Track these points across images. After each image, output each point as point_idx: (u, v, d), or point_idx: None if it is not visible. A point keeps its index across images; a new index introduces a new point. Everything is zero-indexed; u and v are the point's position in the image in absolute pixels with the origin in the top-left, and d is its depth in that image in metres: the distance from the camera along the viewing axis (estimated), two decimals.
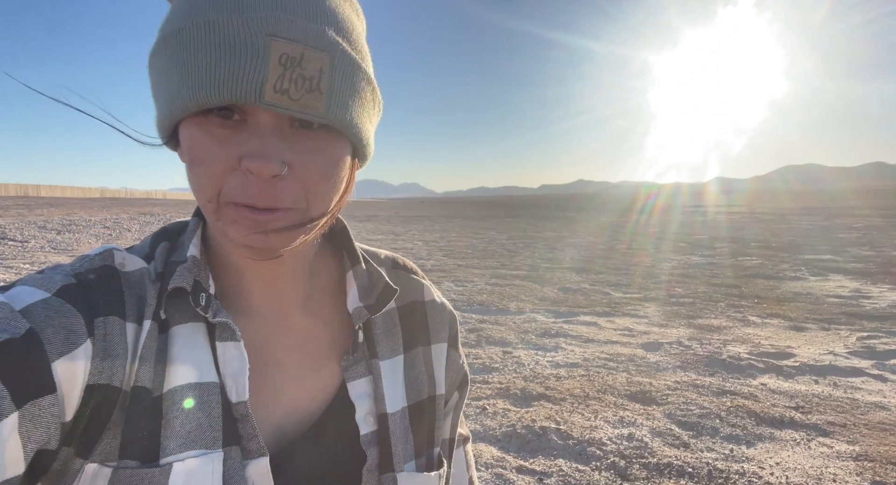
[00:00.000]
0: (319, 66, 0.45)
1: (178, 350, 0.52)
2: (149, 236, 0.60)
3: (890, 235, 13.21)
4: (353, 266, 0.63)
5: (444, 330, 0.69)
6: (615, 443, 2.67)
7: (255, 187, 0.45)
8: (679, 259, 9.61)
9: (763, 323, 5.05)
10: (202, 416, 0.50)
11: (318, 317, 0.61)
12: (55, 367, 0.43)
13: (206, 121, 0.46)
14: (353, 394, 0.58)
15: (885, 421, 2.90)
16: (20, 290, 0.48)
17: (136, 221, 16.12)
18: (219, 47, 0.44)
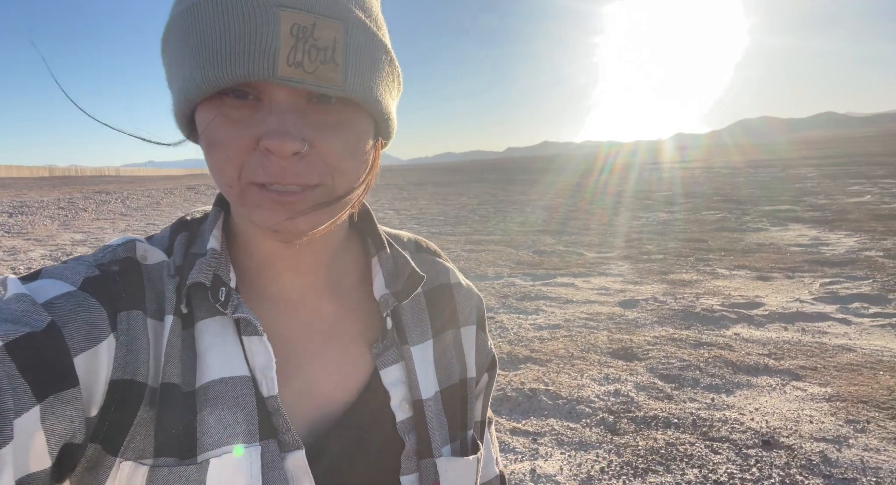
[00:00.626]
0: (333, 35, 0.43)
1: (208, 345, 0.50)
2: (168, 227, 0.57)
3: (842, 182, 13.79)
4: (378, 252, 0.61)
5: (472, 312, 0.68)
6: (602, 400, 2.75)
7: (276, 166, 0.43)
8: (646, 216, 9.82)
9: (731, 275, 5.24)
10: (237, 410, 0.49)
11: (347, 304, 0.60)
12: (77, 361, 0.42)
13: (220, 103, 0.44)
14: (386, 381, 0.57)
15: (852, 362, 3.07)
16: (44, 282, 0.46)
17: (91, 201, 15.41)
18: (227, 23, 0.41)
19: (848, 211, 8.88)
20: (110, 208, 13.65)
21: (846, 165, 19.97)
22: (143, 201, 15.74)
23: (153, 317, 0.49)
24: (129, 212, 13.07)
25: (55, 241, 8.45)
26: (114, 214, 12.43)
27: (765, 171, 20.57)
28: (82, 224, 10.63)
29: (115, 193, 18.04)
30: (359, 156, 0.48)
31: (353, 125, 0.46)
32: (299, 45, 0.41)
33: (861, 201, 10.01)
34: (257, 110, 0.44)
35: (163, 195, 17.46)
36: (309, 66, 0.41)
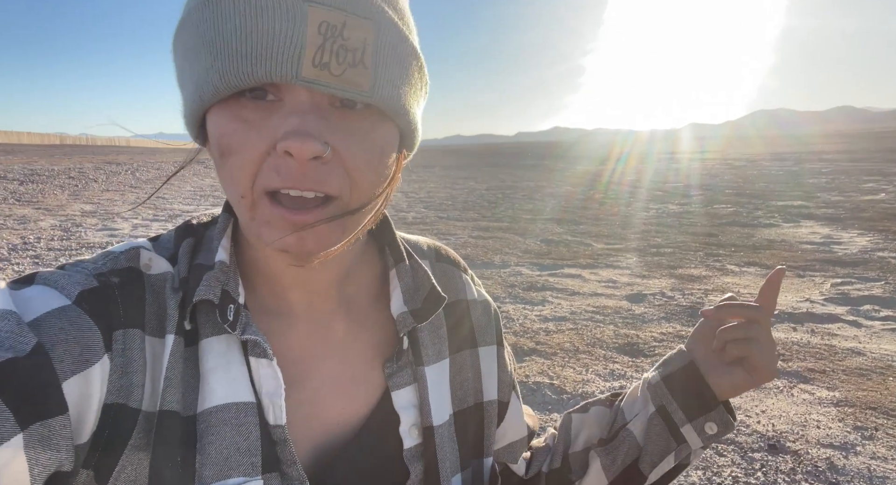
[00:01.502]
0: (364, 36, 0.39)
1: (212, 366, 0.47)
2: (172, 231, 0.53)
3: (857, 178, 13.58)
4: (397, 264, 0.57)
5: (490, 330, 0.64)
6: None
7: (294, 170, 0.40)
8: (657, 208, 9.73)
9: (741, 272, 5.18)
10: (240, 440, 0.46)
11: (360, 320, 0.56)
12: (67, 385, 0.39)
13: (236, 105, 0.40)
14: (397, 404, 0.54)
15: (861, 367, 3.03)
16: (37, 292, 0.43)
17: (101, 171, 15.45)
18: (248, 18, 0.37)
19: (862, 209, 8.74)
20: (120, 180, 13.68)
21: (862, 161, 19.65)
22: (153, 174, 15.76)
23: (153, 334, 0.46)
24: (138, 184, 13.09)
25: (65, 211, 8.48)
26: (123, 186, 12.46)
27: (779, 164, 20.30)
28: (92, 195, 10.66)
29: (126, 164, 18.08)
30: (380, 170, 0.44)
31: (378, 135, 0.43)
32: (327, 44, 0.38)
33: (875, 199, 9.86)
34: (275, 112, 0.40)
35: (173, 168, 17.48)
36: (336, 69, 0.38)
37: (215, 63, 0.39)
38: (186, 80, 0.43)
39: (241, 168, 0.41)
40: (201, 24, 0.39)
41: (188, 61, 0.42)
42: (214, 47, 0.39)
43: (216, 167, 0.44)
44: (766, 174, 16.26)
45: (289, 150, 0.39)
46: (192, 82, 0.41)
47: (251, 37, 0.37)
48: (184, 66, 0.43)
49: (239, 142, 0.40)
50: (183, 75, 0.43)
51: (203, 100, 0.41)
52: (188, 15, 0.41)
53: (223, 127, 0.41)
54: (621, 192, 12.43)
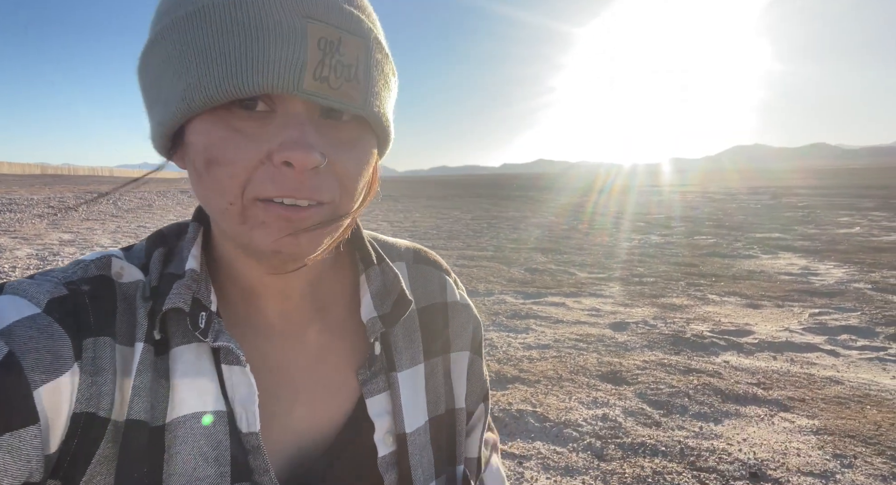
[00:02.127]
0: (356, 53, 0.41)
1: (182, 375, 0.46)
2: (144, 240, 0.54)
3: (832, 213, 13.95)
4: (367, 268, 0.57)
5: (466, 335, 0.63)
6: (590, 424, 2.72)
7: (291, 180, 0.41)
8: (639, 238, 9.86)
9: (722, 301, 5.25)
10: (209, 449, 0.45)
11: (333, 328, 0.56)
12: (38, 395, 0.39)
13: (226, 114, 0.41)
14: (371, 411, 0.54)
15: (840, 395, 3.06)
16: (5, 301, 0.42)
17: (82, 200, 15.26)
18: (248, 31, 0.38)
19: (838, 241, 8.95)
20: (101, 209, 13.52)
21: (836, 196, 20.23)
22: (136, 203, 15.62)
23: (123, 343, 0.45)
24: (120, 213, 12.95)
25: (43, 240, 8.34)
26: (104, 215, 12.32)
27: (757, 198, 20.79)
28: (71, 224, 10.51)
29: (108, 194, 17.89)
30: (365, 176, 0.46)
31: (363, 144, 0.45)
32: (326, 59, 0.40)
33: (850, 232, 10.11)
34: (267, 123, 0.41)
35: (155, 198, 17.35)
36: (334, 83, 0.40)
37: (211, 72, 0.39)
38: (165, 90, 0.43)
39: (232, 177, 0.41)
40: (192, 33, 0.40)
41: (169, 71, 0.42)
42: (209, 57, 0.39)
43: (196, 177, 0.43)
44: (744, 207, 16.63)
45: (290, 160, 0.39)
46: (176, 92, 0.41)
47: (253, 48, 0.38)
48: (161, 76, 0.43)
49: (229, 151, 0.41)
50: (160, 86, 0.43)
51: (191, 109, 0.41)
52: (171, 26, 0.41)
53: (212, 136, 0.41)
54: (605, 222, 12.60)
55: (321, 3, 0.40)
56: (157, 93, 0.44)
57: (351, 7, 0.42)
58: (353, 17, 0.41)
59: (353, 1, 0.43)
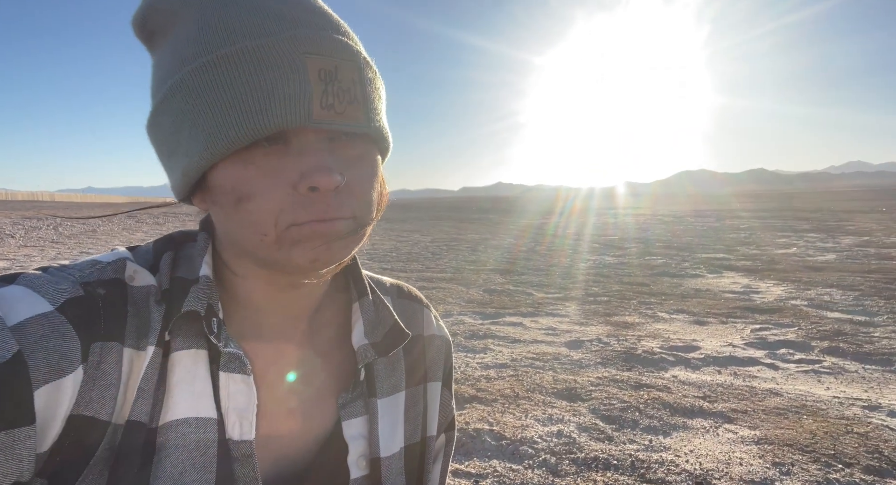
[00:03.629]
0: (352, 76, 0.45)
1: (178, 379, 0.48)
2: (151, 243, 0.55)
3: (771, 234, 14.74)
4: (360, 298, 0.60)
5: (439, 367, 0.66)
6: (545, 441, 2.76)
7: (320, 204, 0.44)
8: (594, 259, 10.14)
9: (671, 319, 5.45)
10: (196, 455, 0.46)
11: (321, 350, 0.58)
12: (38, 394, 0.39)
13: (248, 155, 0.44)
14: (347, 434, 0.55)
15: (779, 406, 3.22)
16: (21, 294, 0.43)
17: (19, 226, 14.49)
18: (255, 74, 0.42)
19: (777, 261, 9.46)
20: (41, 235, 12.87)
21: (775, 218, 21.41)
22: (78, 229, 14.93)
23: (132, 347, 0.46)
24: (60, 239, 12.35)
25: None
26: (44, 241, 11.72)
27: (703, 220, 21.76)
28: (8, 251, 9.95)
29: (47, 219, 17.05)
30: (377, 187, 0.50)
31: (370, 158, 0.49)
32: (328, 88, 0.43)
33: (788, 252, 10.70)
34: (284, 156, 0.44)
35: (100, 223, 16.65)
36: (339, 108, 0.43)
37: (229, 119, 0.42)
38: (185, 142, 0.45)
39: (266, 211, 0.44)
40: (203, 87, 0.43)
41: (186, 124, 0.44)
42: (225, 105, 0.42)
43: (224, 215, 0.46)
44: (691, 229, 17.37)
45: (316, 185, 0.42)
46: (198, 142, 0.44)
47: (263, 90, 0.41)
48: (179, 130, 0.45)
49: (258, 186, 0.43)
50: (177, 139, 0.46)
51: (214, 155, 0.43)
52: (180, 83, 0.44)
53: (238, 176, 0.44)
54: (562, 244, 12.90)
55: (314, 37, 0.43)
56: (176, 146, 0.46)
57: (339, 35, 0.46)
58: (342, 43, 0.45)
59: (340, 29, 0.47)
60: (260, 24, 0.43)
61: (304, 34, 0.43)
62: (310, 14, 0.45)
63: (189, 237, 0.56)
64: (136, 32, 0.50)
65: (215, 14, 0.44)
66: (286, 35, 0.43)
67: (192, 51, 0.44)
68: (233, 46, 0.42)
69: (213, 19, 0.44)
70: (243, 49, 0.42)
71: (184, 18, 0.46)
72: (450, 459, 0.69)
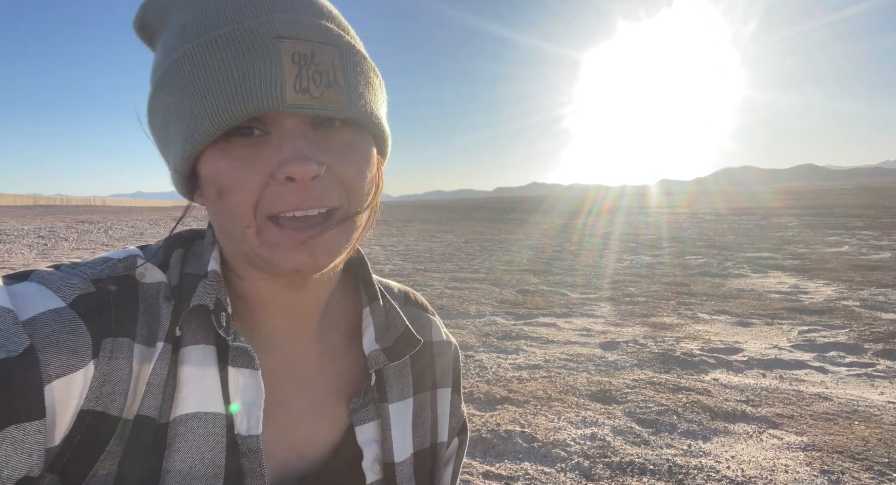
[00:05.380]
0: (331, 59, 0.44)
1: (189, 374, 0.48)
2: (162, 241, 0.55)
3: (821, 232, 14.10)
4: (371, 303, 0.60)
5: (448, 374, 0.66)
6: (579, 443, 2.70)
7: (296, 193, 0.43)
8: (630, 259, 9.91)
9: (712, 320, 5.26)
10: (205, 450, 0.46)
11: (331, 352, 0.58)
12: (49, 389, 0.40)
13: (227, 146, 0.44)
14: (360, 439, 0.55)
15: (828, 411, 3.06)
16: (32, 288, 0.43)
17: (73, 230, 15.24)
18: (227, 62, 0.42)
19: (826, 260, 9.03)
20: (92, 238, 13.49)
21: (825, 216, 20.48)
22: (127, 232, 15.58)
23: (143, 343, 0.46)
24: (111, 242, 12.91)
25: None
26: (95, 244, 12.27)
27: (747, 218, 21.01)
28: (61, 253, 10.46)
29: (99, 223, 17.87)
30: (368, 176, 0.48)
31: (359, 146, 0.48)
32: (303, 71, 0.42)
33: (839, 251, 10.21)
34: (265, 147, 0.44)
35: (147, 226, 17.33)
36: (315, 91, 0.42)
37: (203, 108, 0.42)
38: (172, 135, 0.45)
39: (243, 201, 0.43)
40: (181, 78, 0.43)
41: (171, 117, 0.45)
42: (199, 95, 0.42)
43: (213, 208, 0.46)
44: (734, 228, 16.79)
45: (290, 174, 0.42)
46: (180, 134, 0.44)
47: (234, 78, 0.41)
48: (167, 123, 0.46)
49: (235, 178, 0.43)
50: (168, 133, 0.46)
51: (195, 146, 0.43)
52: (164, 76, 0.45)
53: (217, 167, 0.44)
54: (596, 243, 12.67)
55: (288, 21, 0.43)
56: (167, 139, 0.47)
57: (318, 19, 0.45)
58: (321, 27, 0.44)
59: (321, 13, 0.46)
60: (236, 12, 0.43)
61: (278, 19, 0.42)
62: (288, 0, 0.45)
63: (199, 235, 0.57)
64: (138, 35, 0.51)
65: (195, 6, 0.44)
66: (259, 21, 0.42)
67: (174, 43, 0.44)
68: (207, 35, 0.42)
69: (192, 11, 0.44)
70: (217, 36, 0.42)
71: (172, 15, 0.46)
72: (461, 461, 0.69)
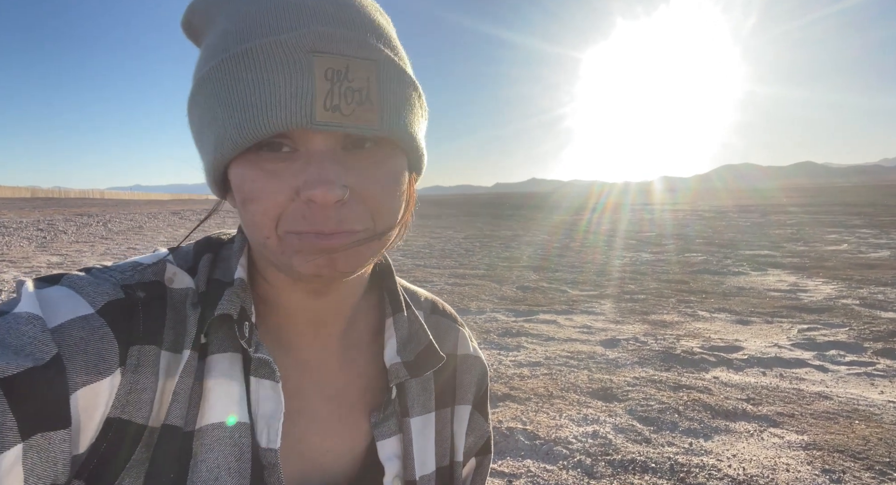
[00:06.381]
0: (366, 75, 0.42)
1: (214, 383, 0.47)
2: (192, 244, 0.54)
3: (820, 230, 14.11)
4: (395, 313, 0.58)
5: (470, 390, 0.64)
6: (580, 441, 2.71)
7: (318, 215, 0.42)
8: (630, 256, 9.92)
9: (712, 317, 5.27)
10: (232, 460, 0.46)
11: (354, 365, 0.57)
12: (75, 397, 0.40)
13: (256, 157, 0.43)
14: (382, 455, 0.54)
15: (829, 410, 3.07)
16: (64, 295, 0.43)
17: (72, 223, 15.21)
18: (259, 75, 0.40)
19: (826, 258, 9.04)
20: (91, 231, 13.47)
21: (824, 214, 20.48)
22: (126, 225, 15.56)
23: (170, 350, 0.46)
24: (110, 235, 12.89)
25: (30, 262, 8.27)
26: (94, 237, 12.25)
27: (747, 216, 21.01)
28: (60, 246, 10.45)
29: (98, 216, 17.83)
30: (398, 195, 0.47)
31: (389, 165, 0.46)
32: (335, 88, 0.40)
33: (839, 249, 10.22)
34: (293, 161, 0.43)
35: (146, 219, 17.30)
36: (346, 109, 0.41)
37: (232, 120, 0.41)
38: (206, 140, 0.45)
39: (265, 214, 0.43)
40: (215, 87, 0.42)
41: (205, 123, 0.44)
42: (230, 106, 0.41)
43: (240, 215, 0.46)
44: (733, 225, 16.80)
45: (312, 198, 0.41)
46: (211, 142, 0.43)
47: (265, 91, 0.40)
48: (202, 128, 0.45)
49: (260, 190, 0.42)
50: (202, 137, 0.46)
51: (223, 155, 0.43)
52: (201, 81, 0.44)
53: (244, 176, 0.43)
54: (597, 240, 12.67)
55: (325, 35, 0.41)
56: (202, 142, 0.46)
57: (356, 32, 0.43)
58: (358, 41, 0.42)
59: (363, 24, 0.44)
60: (275, 21, 0.41)
61: (315, 31, 0.41)
62: (332, 8, 0.43)
63: (229, 239, 0.56)
64: (185, 33, 0.50)
65: (238, 12, 0.43)
66: (295, 34, 0.41)
67: (212, 50, 0.44)
68: (244, 45, 0.41)
69: (235, 17, 0.43)
70: (252, 48, 0.41)
71: (216, 17, 0.45)
72: (485, 482, 0.67)
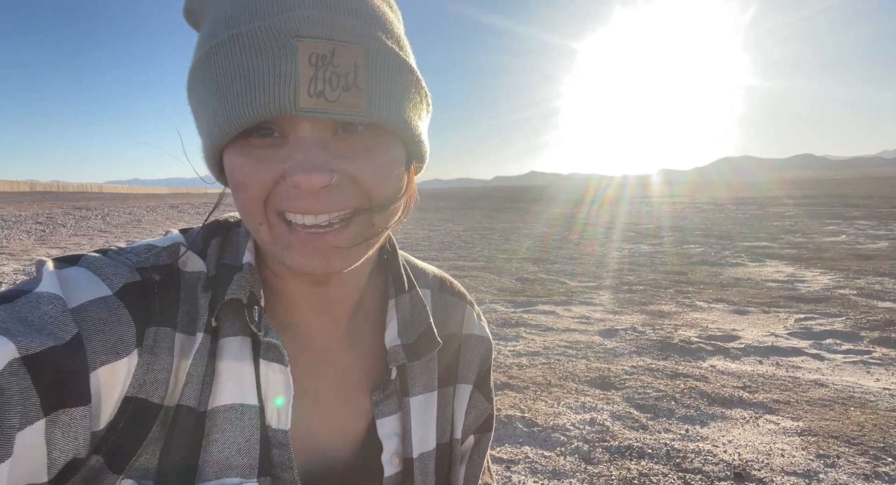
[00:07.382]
0: (353, 60, 0.41)
1: (226, 365, 0.49)
2: (200, 227, 0.55)
3: (818, 222, 14.13)
4: (398, 295, 0.59)
5: (472, 369, 0.65)
6: (578, 428, 2.74)
7: (304, 201, 0.42)
8: (629, 248, 9.93)
9: (709, 308, 5.30)
10: (241, 441, 0.47)
11: (359, 346, 0.58)
12: (95, 375, 0.41)
13: (246, 144, 0.43)
14: (381, 432, 0.56)
15: (824, 397, 3.10)
16: (83, 276, 0.44)
17: (70, 216, 15.18)
18: (245, 61, 0.40)
19: (824, 249, 9.07)
20: (90, 225, 13.45)
21: (823, 206, 20.50)
22: (125, 218, 15.54)
23: (183, 332, 0.47)
24: (108, 228, 12.88)
25: (30, 255, 8.27)
26: (93, 231, 12.24)
27: (745, 208, 21.02)
28: (59, 239, 10.44)
29: (96, 210, 17.80)
30: (393, 182, 0.46)
31: (382, 150, 0.45)
32: (319, 74, 0.40)
33: (836, 241, 10.24)
34: (281, 147, 0.43)
35: (144, 213, 17.27)
36: (331, 95, 0.40)
37: (221, 107, 0.41)
38: (201, 127, 0.45)
39: (253, 199, 0.43)
40: (206, 74, 0.43)
41: (201, 108, 0.45)
42: (219, 92, 0.41)
43: (234, 203, 0.47)
44: (732, 217, 16.80)
45: (297, 184, 0.41)
46: (204, 129, 0.44)
47: (251, 77, 0.40)
48: (199, 112, 0.46)
49: (248, 175, 0.43)
50: (199, 121, 0.46)
51: (215, 142, 0.43)
52: (196, 66, 0.44)
53: (234, 163, 0.44)
54: (595, 232, 12.68)
55: (310, 19, 0.40)
56: (199, 129, 0.47)
57: (343, 16, 0.41)
58: (345, 25, 0.41)
59: (351, 8, 0.42)
60: (262, 6, 0.41)
61: (300, 15, 0.40)
62: None
63: (236, 221, 0.57)
64: (186, 20, 0.51)
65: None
66: (281, 18, 0.40)
67: (206, 36, 0.44)
68: (231, 30, 0.41)
69: (227, 3, 0.43)
70: (239, 33, 0.41)
71: (210, 4, 0.45)
72: (483, 459, 0.67)
